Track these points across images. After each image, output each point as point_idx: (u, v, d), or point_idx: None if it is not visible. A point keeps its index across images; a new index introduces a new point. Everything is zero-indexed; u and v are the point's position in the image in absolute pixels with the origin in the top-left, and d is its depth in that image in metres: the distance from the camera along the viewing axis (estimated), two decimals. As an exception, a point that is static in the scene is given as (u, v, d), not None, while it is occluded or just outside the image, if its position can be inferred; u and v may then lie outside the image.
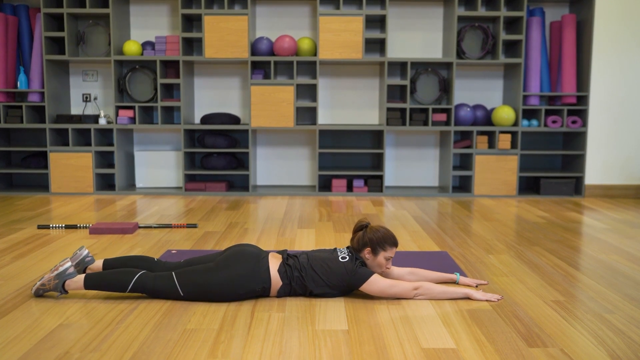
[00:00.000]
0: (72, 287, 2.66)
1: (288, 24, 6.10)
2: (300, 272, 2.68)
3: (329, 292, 2.69)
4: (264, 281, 2.65)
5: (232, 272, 2.62)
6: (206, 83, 6.17)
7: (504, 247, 3.74)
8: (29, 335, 2.26)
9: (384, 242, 2.71)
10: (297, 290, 2.70)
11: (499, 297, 2.71)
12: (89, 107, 6.14)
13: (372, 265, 2.74)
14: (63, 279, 2.65)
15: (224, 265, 2.63)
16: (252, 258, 2.67)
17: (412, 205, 5.30)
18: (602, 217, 4.80)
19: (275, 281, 2.67)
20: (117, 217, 4.65)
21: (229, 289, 2.61)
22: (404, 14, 6.09)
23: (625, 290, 2.88)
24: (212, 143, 5.84)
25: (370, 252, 2.72)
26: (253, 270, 2.64)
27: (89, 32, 5.75)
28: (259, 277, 2.64)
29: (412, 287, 2.68)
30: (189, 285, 2.62)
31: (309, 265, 2.69)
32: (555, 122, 5.79)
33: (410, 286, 2.68)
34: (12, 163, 6.22)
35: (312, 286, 2.67)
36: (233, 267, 2.63)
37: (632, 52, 5.79)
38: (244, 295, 2.65)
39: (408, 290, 2.68)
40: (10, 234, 4.01)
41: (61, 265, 2.69)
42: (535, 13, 5.86)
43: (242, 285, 2.62)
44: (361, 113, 6.21)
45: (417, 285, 2.68)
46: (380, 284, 2.65)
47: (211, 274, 2.62)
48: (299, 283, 2.68)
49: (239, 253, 2.68)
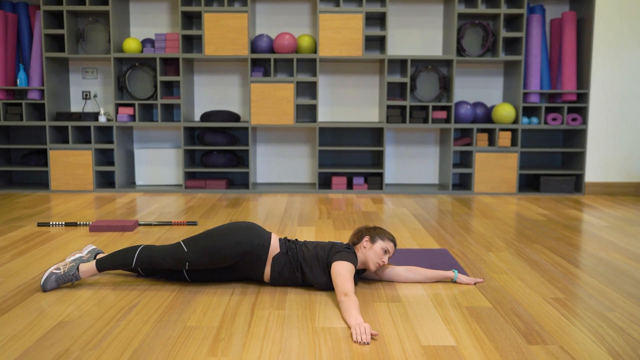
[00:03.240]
0: (85, 270, 2.79)
1: (288, 22, 6.09)
2: (296, 245, 2.85)
3: (317, 271, 2.73)
4: (264, 239, 2.78)
5: (236, 224, 2.84)
6: (206, 80, 6.16)
7: (503, 245, 3.74)
8: (29, 333, 2.27)
9: (383, 234, 2.80)
10: (292, 262, 2.78)
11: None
12: (88, 105, 6.14)
13: (368, 254, 2.75)
14: (78, 262, 2.81)
15: (228, 223, 2.89)
16: (257, 225, 2.89)
17: (412, 203, 5.30)
18: (602, 215, 4.80)
19: (274, 246, 2.80)
20: (117, 214, 4.65)
21: (230, 236, 2.73)
22: (404, 11, 6.08)
23: (625, 288, 2.88)
24: (212, 141, 5.83)
25: (369, 240, 2.78)
26: (256, 227, 2.84)
27: (89, 30, 5.74)
28: (260, 233, 2.80)
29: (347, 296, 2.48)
30: (192, 241, 2.77)
31: (304, 243, 2.88)
32: (555, 120, 5.79)
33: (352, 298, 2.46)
34: (12, 161, 6.21)
35: (302, 260, 2.77)
36: (237, 222, 2.87)
37: (632, 50, 5.78)
38: (243, 245, 2.72)
39: (348, 297, 2.45)
40: (10, 231, 4.01)
41: (74, 255, 2.90)
42: (535, 10, 5.85)
43: (244, 234, 2.75)
44: (361, 110, 6.20)
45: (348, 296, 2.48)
46: (341, 270, 2.58)
47: (215, 228, 2.84)
48: (293, 255, 2.79)
49: (243, 221, 2.92)
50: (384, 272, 2.91)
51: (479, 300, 2.68)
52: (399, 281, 2.91)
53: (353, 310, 2.36)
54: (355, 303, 2.41)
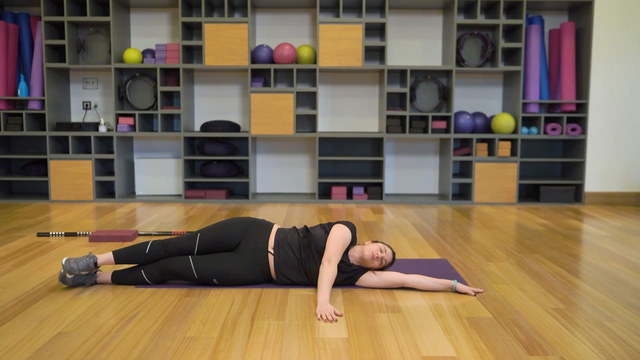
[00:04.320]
0: (103, 261, 2.96)
1: (288, 32, 6.12)
2: (296, 229, 3.07)
3: (318, 230, 2.93)
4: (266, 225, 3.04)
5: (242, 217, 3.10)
6: (206, 91, 6.18)
7: (504, 255, 3.74)
8: (28, 344, 2.26)
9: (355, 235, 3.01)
10: (296, 229, 3.03)
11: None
12: (89, 115, 6.15)
13: (366, 248, 2.94)
14: (94, 257, 2.94)
15: None
16: None
17: (412, 213, 5.30)
18: (602, 225, 4.80)
19: (274, 230, 3.03)
20: (116, 224, 4.65)
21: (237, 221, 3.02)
22: (404, 21, 6.11)
23: (625, 298, 2.88)
24: (212, 150, 5.84)
25: (370, 241, 3.04)
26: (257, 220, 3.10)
27: (90, 40, 5.77)
28: (261, 222, 3.07)
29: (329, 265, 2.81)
30: (204, 231, 2.99)
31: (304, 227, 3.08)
32: (555, 130, 5.80)
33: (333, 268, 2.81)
34: (12, 171, 6.22)
35: (306, 227, 3.02)
36: None
37: (631, 60, 5.80)
38: (249, 219, 3.03)
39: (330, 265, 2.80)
40: (10, 241, 4.01)
41: None
42: (534, 21, 5.88)
43: (247, 221, 3.02)
44: (361, 120, 6.22)
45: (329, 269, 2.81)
46: (337, 234, 2.87)
47: None
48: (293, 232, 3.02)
49: None
50: (383, 276, 2.93)
51: (479, 310, 2.67)
52: (397, 282, 2.92)
53: (325, 284, 2.69)
54: (332, 275, 2.74)
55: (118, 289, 2.93)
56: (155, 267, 2.95)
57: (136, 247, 2.97)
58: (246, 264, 2.94)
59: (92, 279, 2.96)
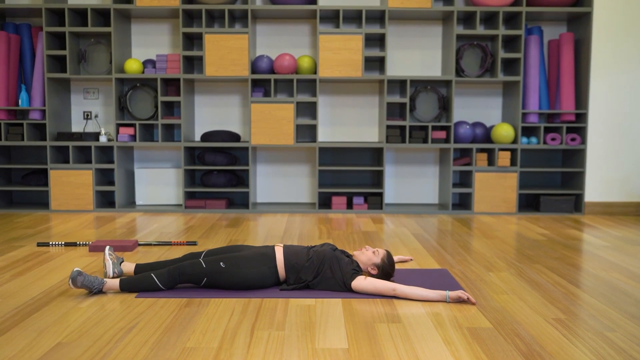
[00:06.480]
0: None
1: (288, 43, 6.14)
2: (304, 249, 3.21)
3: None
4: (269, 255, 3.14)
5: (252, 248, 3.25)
6: (207, 101, 6.20)
7: (504, 265, 3.73)
8: (27, 354, 2.25)
9: None
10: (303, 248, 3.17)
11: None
12: (89, 125, 6.16)
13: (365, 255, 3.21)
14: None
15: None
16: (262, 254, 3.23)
17: (412, 223, 5.30)
18: (602, 235, 4.80)
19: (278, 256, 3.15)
20: (117, 234, 4.65)
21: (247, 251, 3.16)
22: (403, 32, 6.13)
23: (626, 308, 2.87)
24: (212, 160, 5.85)
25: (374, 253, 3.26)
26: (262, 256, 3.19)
27: (91, 51, 5.79)
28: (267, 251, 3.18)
29: None
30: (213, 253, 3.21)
31: None
32: (555, 140, 5.81)
33: None
34: (13, 180, 6.22)
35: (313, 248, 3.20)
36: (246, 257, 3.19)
37: (631, 70, 5.82)
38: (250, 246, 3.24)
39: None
40: (10, 251, 4.01)
41: None
42: (533, 32, 5.90)
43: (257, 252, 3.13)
44: (361, 130, 6.23)
45: None
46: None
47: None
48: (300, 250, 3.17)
49: None
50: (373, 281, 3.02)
51: (480, 320, 2.67)
52: (387, 289, 2.97)
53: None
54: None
55: (117, 300, 2.93)
56: (165, 270, 3.07)
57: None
58: (254, 252, 3.12)
59: (100, 284, 2.99)
